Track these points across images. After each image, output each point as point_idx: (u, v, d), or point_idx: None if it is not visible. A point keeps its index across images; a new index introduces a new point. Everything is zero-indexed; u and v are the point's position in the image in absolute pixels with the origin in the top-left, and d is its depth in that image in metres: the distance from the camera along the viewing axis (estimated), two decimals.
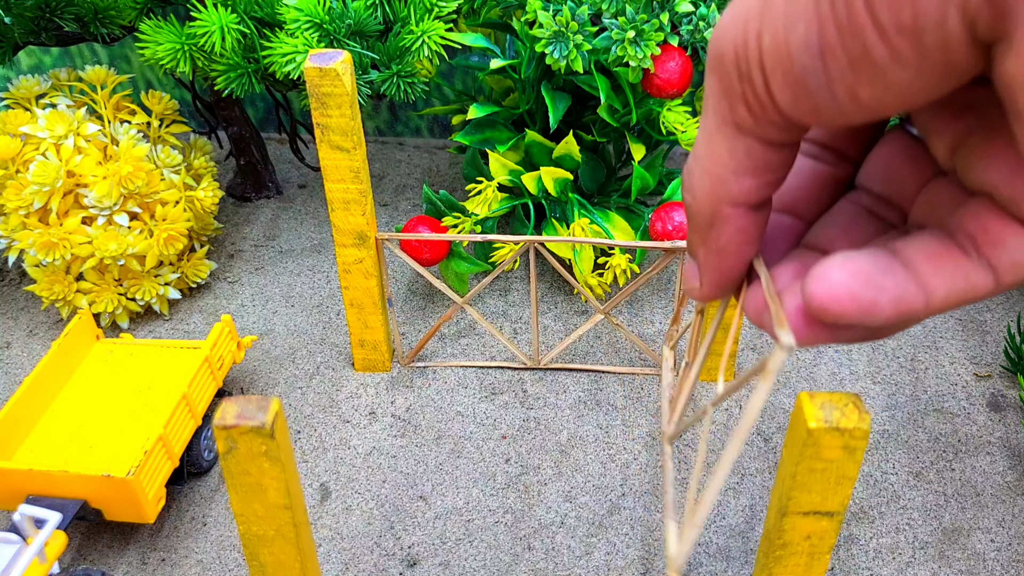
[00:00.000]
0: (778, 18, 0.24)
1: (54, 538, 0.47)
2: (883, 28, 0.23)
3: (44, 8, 0.63)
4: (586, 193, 0.70)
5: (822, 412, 0.28)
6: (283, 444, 0.31)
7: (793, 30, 0.24)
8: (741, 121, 0.26)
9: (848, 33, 0.23)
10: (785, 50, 0.24)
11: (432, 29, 0.61)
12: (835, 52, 0.24)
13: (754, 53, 0.25)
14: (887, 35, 0.23)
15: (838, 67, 0.24)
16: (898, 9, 0.22)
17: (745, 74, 0.26)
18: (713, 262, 0.30)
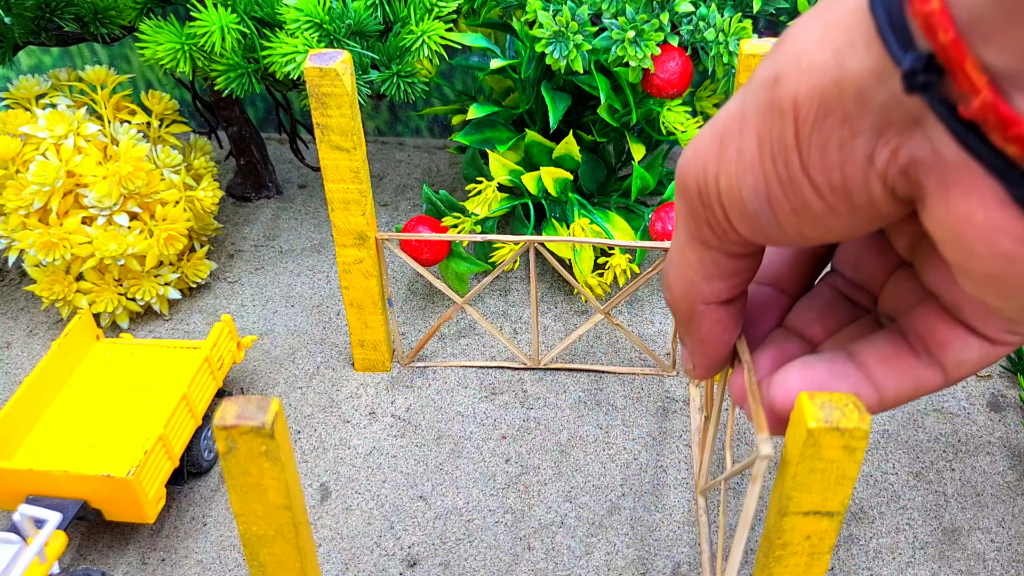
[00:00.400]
0: (731, 166, 0.27)
1: (54, 538, 0.47)
2: (818, 188, 0.25)
3: (44, 8, 0.63)
4: (586, 193, 0.71)
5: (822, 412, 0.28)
6: (283, 444, 0.31)
7: (744, 179, 0.27)
8: (707, 239, 0.29)
9: (789, 189, 0.26)
10: (738, 194, 0.27)
11: (432, 29, 0.61)
12: (780, 202, 0.26)
13: (713, 191, 0.28)
14: (822, 193, 0.25)
15: (784, 213, 0.27)
16: (828, 174, 0.25)
17: (707, 205, 0.28)
18: (699, 349, 0.34)
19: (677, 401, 0.61)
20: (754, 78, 0.26)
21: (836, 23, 0.24)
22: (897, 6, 0.22)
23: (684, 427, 0.59)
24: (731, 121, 0.27)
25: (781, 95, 0.25)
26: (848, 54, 0.23)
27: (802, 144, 0.25)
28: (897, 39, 0.22)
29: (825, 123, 0.24)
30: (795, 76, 0.25)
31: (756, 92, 0.26)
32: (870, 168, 0.25)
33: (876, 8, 0.23)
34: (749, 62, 0.49)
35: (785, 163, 0.26)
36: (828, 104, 0.24)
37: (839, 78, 0.24)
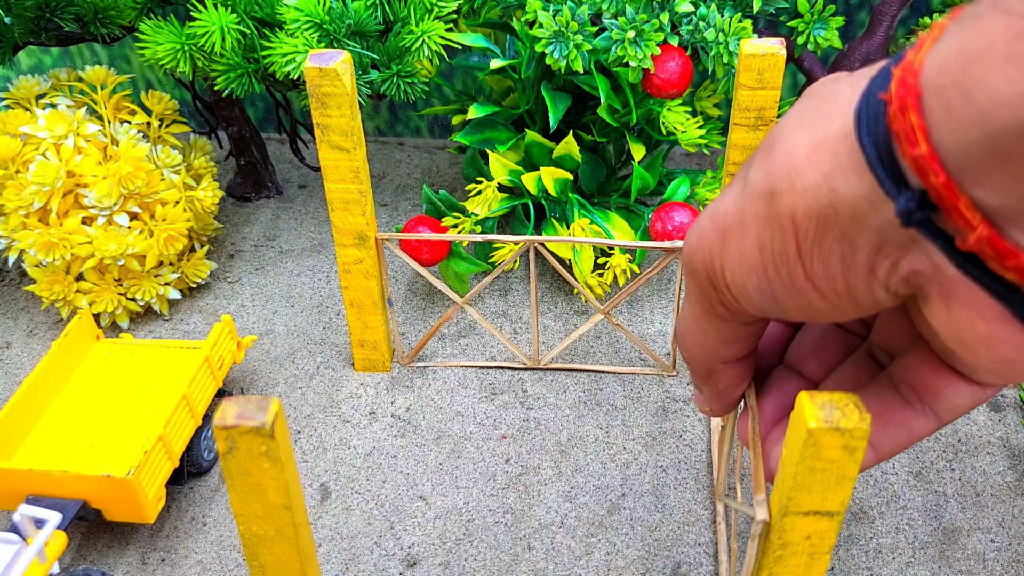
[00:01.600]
0: (735, 264, 0.28)
1: (54, 538, 0.47)
2: (822, 293, 0.26)
3: (44, 8, 0.63)
4: (586, 193, 0.71)
5: (822, 412, 0.28)
6: (283, 444, 0.31)
7: (748, 279, 0.28)
8: (720, 314, 0.31)
9: (793, 292, 0.27)
10: (745, 289, 0.28)
11: (432, 29, 0.61)
12: (785, 301, 0.27)
13: (720, 280, 0.29)
14: (826, 297, 0.26)
15: (790, 308, 0.28)
16: (832, 282, 0.26)
17: (718, 289, 0.30)
18: (717, 398, 0.35)
19: (677, 401, 0.61)
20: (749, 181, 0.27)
21: (824, 145, 0.24)
22: (885, 142, 0.23)
23: (684, 427, 0.59)
24: (731, 221, 0.28)
25: (779, 211, 0.25)
26: (840, 180, 0.24)
27: (804, 257, 0.26)
28: (888, 174, 0.23)
29: (825, 239, 0.25)
30: (791, 195, 0.25)
31: (754, 200, 0.26)
32: (872, 277, 0.25)
33: (864, 141, 0.23)
34: (749, 62, 0.49)
35: (788, 272, 0.26)
36: (826, 223, 0.25)
37: (834, 201, 0.24)
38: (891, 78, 0.23)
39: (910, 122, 0.21)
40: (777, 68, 0.49)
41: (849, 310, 0.27)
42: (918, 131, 0.21)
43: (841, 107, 0.24)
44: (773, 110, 0.50)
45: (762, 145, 0.27)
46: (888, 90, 0.22)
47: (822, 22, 0.62)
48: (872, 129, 0.23)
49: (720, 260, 0.28)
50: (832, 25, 0.62)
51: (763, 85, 0.49)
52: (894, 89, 0.22)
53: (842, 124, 0.24)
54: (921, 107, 0.21)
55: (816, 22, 0.62)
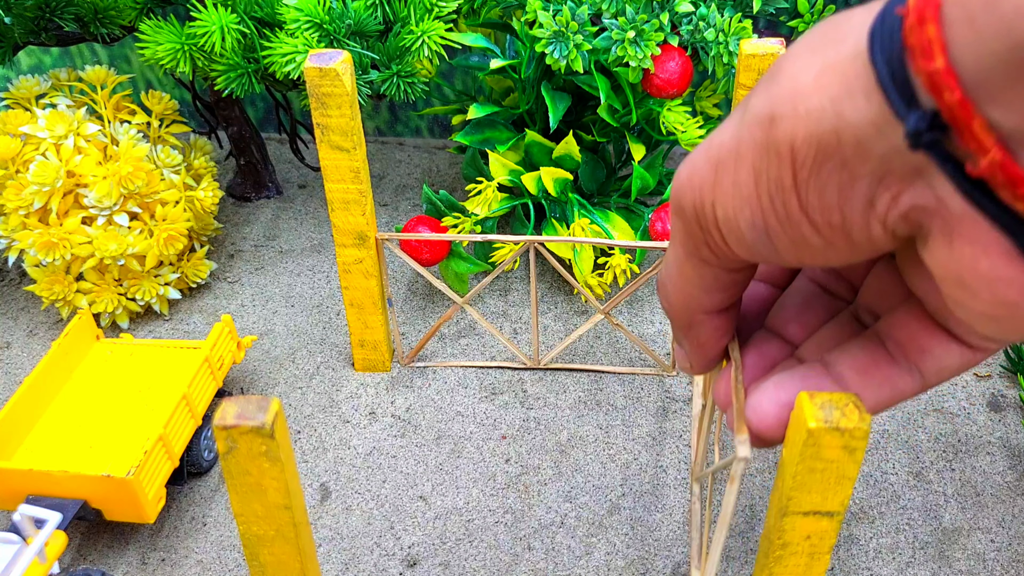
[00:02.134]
0: (727, 197, 0.27)
1: (54, 538, 0.47)
2: (816, 226, 0.25)
3: (44, 8, 0.63)
4: (586, 193, 0.71)
5: (822, 412, 0.28)
6: (283, 444, 0.31)
7: (741, 212, 0.27)
8: (706, 258, 0.29)
9: (787, 225, 0.26)
10: (735, 225, 0.27)
11: (432, 29, 0.61)
12: (778, 235, 0.26)
13: (710, 217, 0.28)
14: (820, 231, 0.25)
15: (782, 245, 0.27)
16: (827, 214, 0.25)
17: (705, 229, 0.28)
18: (697, 351, 0.34)
19: (677, 401, 0.61)
20: (749, 109, 0.26)
21: (833, 67, 0.23)
22: (899, 59, 0.21)
23: (684, 427, 0.59)
24: (726, 152, 0.26)
25: (778, 137, 0.24)
26: (847, 104, 0.23)
27: (800, 186, 0.25)
28: (899, 93, 0.22)
29: (823, 168, 0.24)
30: (792, 119, 0.24)
31: (751, 128, 0.25)
32: (870, 211, 0.24)
33: (876, 59, 0.22)
34: (749, 62, 0.49)
35: (783, 202, 0.25)
36: (826, 150, 0.24)
37: (838, 126, 0.23)
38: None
39: (927, 35, 0.20)
40: None
41: (843, 248, 0.26)
42: (935, 44, 0.20)
43: (854, 28, 0.23)
44: None
45: (767, 73, 0.26)
46: (905, 3, 0.21)
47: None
48: (886, 46, 0.22)
49: (711, 196, 0.27)
50: None
51: None
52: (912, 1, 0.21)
53: (854, 44, 0.23)
54: (940, 19, 0.20)
55: (816, 22, 0.62)
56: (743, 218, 0.27)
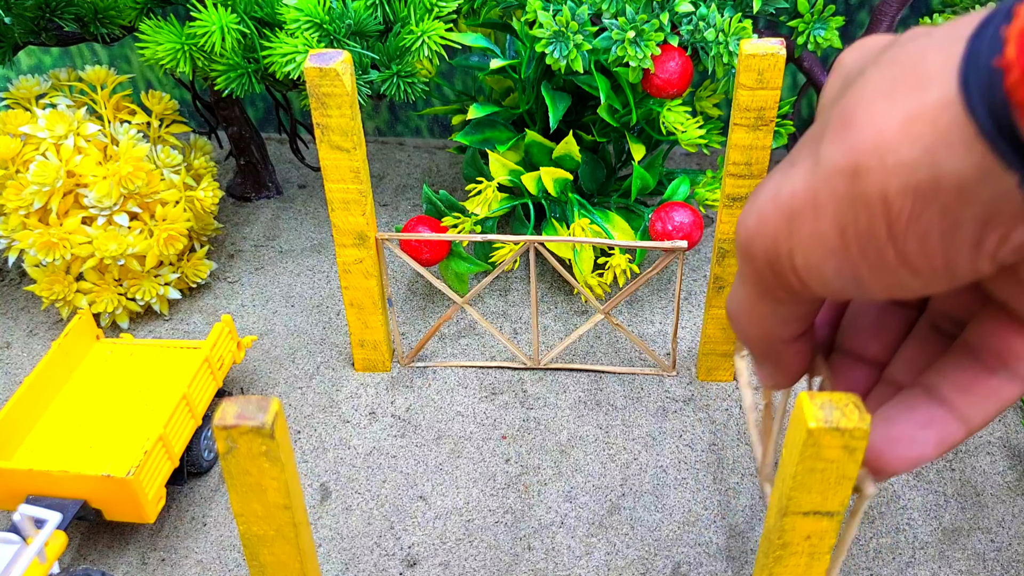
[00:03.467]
0: (808, 246, 0.26)
1: (54, 538, 0.47)
2: (916, 270, 0.25)
3: (44, 8, 0.63)
4: (586, 193, 0.71)
5: (822, 412, 0.28)
6: (283, 444, 0.31)
7: (826, 262, 0.26)
8: (780, 298, 0.29)
9: (882, 273, 0.25)
10: (820, 273, 0.26)
11: (432, 29, 0.61)
12: (869, 281, 0.26)
13: (787, 265, 0.27)
14: (920, 274, 0.25)
15: (874, 288, 0.26)
16: (929, 259, 0.24)
17: (780, 275, 0.28)
18: (781, 372, 0.33)
19: (677, 401, 0.61)
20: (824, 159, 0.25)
21: (920, 117, 0.23)
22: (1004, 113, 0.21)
23: (684, 427, 0.59)
24: (800, 203, 0.26)
25: (867, 190, 0.24)
26: (944, 154, 0.22)
27: (897, 236, 0.24)
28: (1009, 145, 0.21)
29: (923, 217, 0.23)
30: (880, 172, 0.23)
31: (831, 179, 0.25)
32: (977, 251, 0.24)
33: (977, 111, 0.21)
34: (749, 62, 0.49)
35: (877, 252, 0.25)
36: (924, 199, 0.23)
37: (936, 176, 0.22)
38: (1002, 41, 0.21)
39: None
40: (777, 68, 0.49)
41: (943, 284, 0.25)
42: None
43: (934, 74, 0.23)
44: (773, 110, 0.50)
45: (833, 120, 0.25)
46: (1004, 55, 0.21)
47: (822, 22, 0.62)
48: (986, 98, 0.21)
49: (788, 245, 0.26)
50: (832, 25, 0.62)
51: (763, 85, 0.49)
52: (1014, 55, 0.20)
53: (941, 93, 0.22)
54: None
55: (816, 22, 0.62)
56: (829, 267, 0.26)
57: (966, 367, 0.30)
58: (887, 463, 0.30)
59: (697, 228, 0.64)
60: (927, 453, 0.30)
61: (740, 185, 0.53)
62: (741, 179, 0.53)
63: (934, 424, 0.30)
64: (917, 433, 0.30)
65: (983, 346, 0.30)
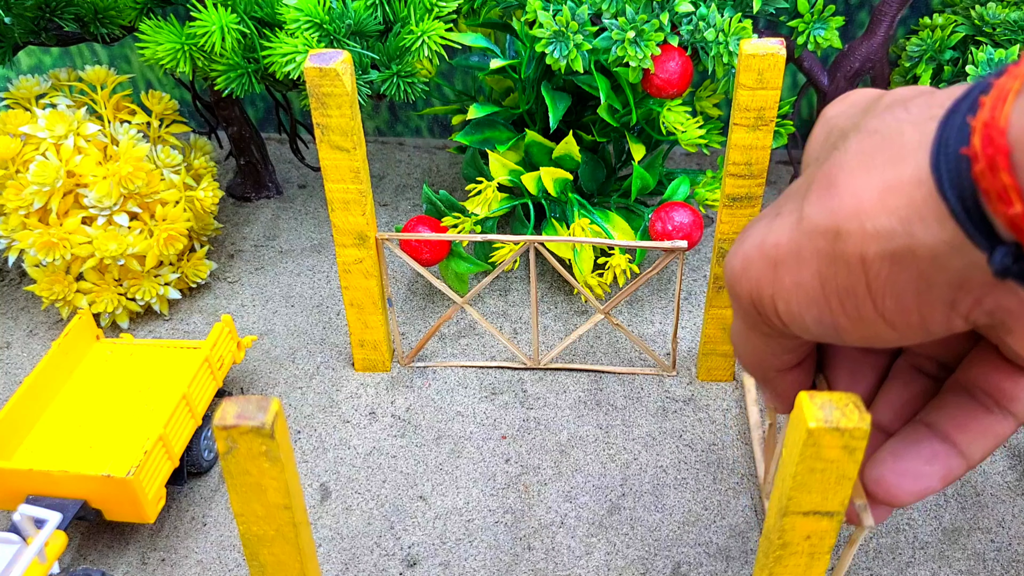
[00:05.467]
0: (791, 294, 0.28)
1: (54, 538, 0.47)
2: (893, 324, 0.26)
3: (44, 8, 0.63)
4: (586, 193, 0.71)
5: (822, 412, 0.28)
6: (283, 444, 0.31)
7: (807, 310, 0.27)
8: (767, 333, 0.31)
9: (860, 325, 0.27)
10: (801, 320, 0.28)
11: (432, 29, 0.61)
12: (848, 331, 0.27)
13: (770, 307, 0.29)
14: (896, 328, 0.26)
15: (851, 337, 0.27)
16: (905, 315, 0.26)
17: (764, 316, 0.29)
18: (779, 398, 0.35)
19: (677, 401, 0.61)
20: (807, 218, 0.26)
21: (896, 189, 0.24)
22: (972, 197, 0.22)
23: (684, 427, 0.59)
24: (784, 253, 0.27)
25: (847, 251, 0.25)
26: (918, 226, 0.23)
27: (875, 294, 0.25)
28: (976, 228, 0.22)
29: (899, 279, 0.25)
30: (860, 236, 0.25)
31: (813, 237, 0.26)
32: (950, 311, 0.25)
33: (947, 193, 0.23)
34: (749, 62, 0.49)
35: (856, 307, 0.26)
36: (901, 264, 0.24)
37: (911, 245, 0.24)
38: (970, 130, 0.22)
39: (1001, 181, 0.21)
40: (777, 68, 0.49)
41: (918, 338, 0.27)
42: (1011, 191, 0.21)
43: (910, 150, 0.24)
44: (773, 110, 0.50)
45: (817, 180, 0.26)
46: (971, 145, 0.22)
47: (822, 22, 0.62)
48: (955, 183, 0.22)
49: (771, 291, 0.28)
50: (832, 25, 0.62)
51: (763, 85, 0.49)
52: (979, 146, 0.22)
53: (915, 170, 0.24)
54: (1012, 165, 0.21)
55: (816, 22, 0.62)
56: (809, 315, 0.27)
57: (963, 406, 0.31)
58: (896, 495, 0.31)
59: (697, 228, 0.64)
60: (933, 486, 0.31)
61: (740, 185, 0.53)
62: (741, 179, 0.53)
63: (938, 459, 0.31)
64: (923, 468, 0.31)
65: (977, 387, 0.31)
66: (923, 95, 0.25)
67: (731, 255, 0.30)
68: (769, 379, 0.34)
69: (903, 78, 0.72)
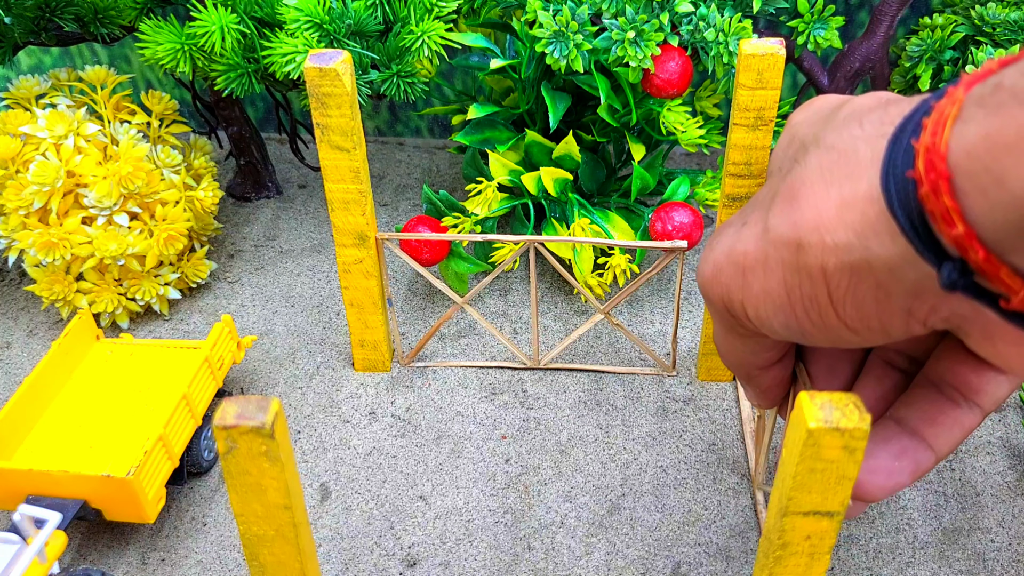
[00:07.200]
0: (758, 300, 0.29)
1: (54, 538, 0.47)
2: (855, 330, 0.27)
3: (44, 8, 0.63)
4: (586, 193, 0.71)
5: (822, 412, 0.28)
6: (283, 444, 0.31)
7: (775, 316, 0.29)
8: (743, 334, 0.32)
9: (823, 330, 0.28)
10: (770, 324, 0.29)
11: (432, 29, 0.61)
12: (812, 335, 0.28)
13: (740, 311, 0.30)
14: (859, 332, 0.27)
15: (817, 340, 0.29)
16: (866, 321, 0.27)
17: (736, 317, 0.31)
18: (762, 394, 0.37)
19: (677, 401, 0.61)
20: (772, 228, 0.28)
21: (851, 205, 0.25)
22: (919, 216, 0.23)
23: (684, 427, 0.59)
24: (751, 261, 0.28)
25: (808, 262, 0.26)
26: (873, 240, 0.25)
27: (836, 303, 0.27)
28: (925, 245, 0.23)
29: (859, 288, 0.26)
30: (819, 248, 0.26)
31: (778, 248, 0.27)
32: (909, 317, 0.26)
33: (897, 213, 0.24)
34: (749, 62, 0.49)
35: (819, 314, 0.27)
36: (859, 275, 0.25)
37: (867, 258, 0.25)
38: (914, 153, 0.23)
39: (944, 204, 0.22)
40: (777, 68, 0.49)
41: (880, 341, 0.28)
42: (953, 213, 0.22)
43: (864, 167, 0.25)
44: (773, 110, 0.50)
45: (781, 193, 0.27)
46: (916, 168, 0.23)
47: (822, 22, 0.62)
48: (903, 203, 0.23)
49: (740, 296, 0.29)
50: (832, 25, 0.62)
51: (763, 85, 0.49)
52: (922, 170, 0.22)
53: (868, 188, 0.25)
54: (953, 189, 0.22)
55: (816, 22, 0.62)
56: (777, 320, 0.29)
57: (931, 400, 0.32)
58: (867, 492, 0.32)
59: (697, 228, 0.64)
60: (903, 481, 0.32)
61: (740, 185, 0.53)
62: (741, 179, 0.53)
63: (907, 454, 0.32)
64: (893, 464, 0.32)
65: (944, 381, 0.32)
66: (878, 109, 0.26)
67: (702, 261, 0.31)
68: (752, 376, 0.35)
69: (903, 78, 0.72)
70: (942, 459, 0.33)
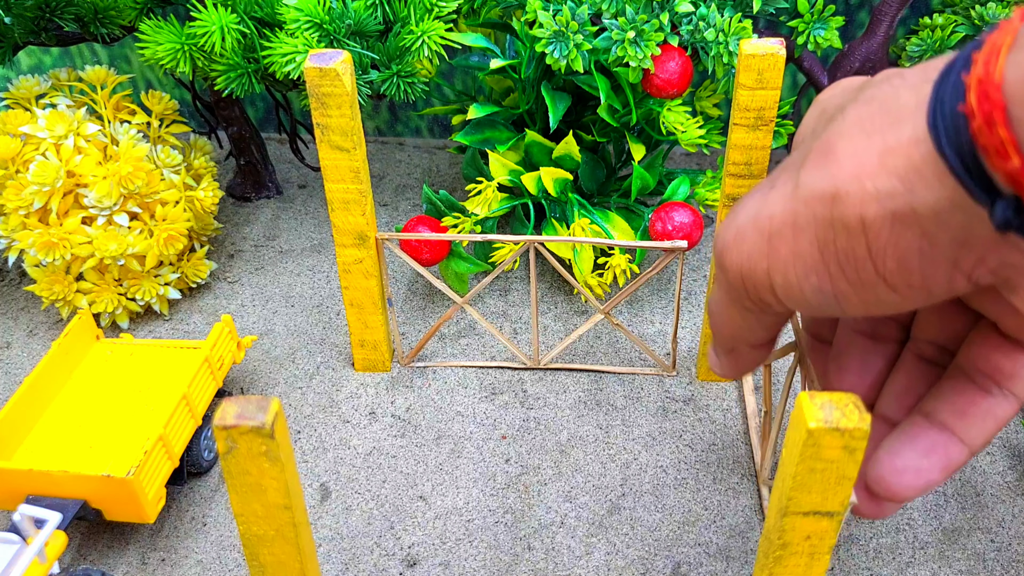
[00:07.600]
0: (787, 266, 0.28)
1: (54, 538, 0.47)
2: (894, 287, 0.26)
3: (44, 8, 0.63)
4: (586, 193, 0.71)
5: (822, 412, 0.28)
6: (283, 444, 0.31)
7: (806, 279, 0.27)
8: (750, 308, 0.31)
9: (861, 289, 0.26)
10: (799, 293, 0.28)
11: (432, 29, 0.61)
12: (848, 297, 0.27)
13: (763, 283, 0.29)
14: (899, 290, 0.26)
15: (852, 305, 0.27)
16: (907, 276, 0.25)
17: (754, 293, 0.29)
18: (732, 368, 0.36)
19: (677, 401, 0.61)
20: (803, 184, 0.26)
21: (895, 150, 0.24)
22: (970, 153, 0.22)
23: (684, 427, 0.59)
24: (779, 224, 0.27)
25: (846, 213, 0.25)
26: (918, 184, 0.23)
27: (876, 256, 0.25)
28: (976, 183, 0.22)
29: (901, 238, 0.25)
30: (859, 197, 0.25)
31: (810, 203, 0.26)
32: (954, 270, 0.25)
33: (946, 151, 0.23)
34: (749, 62, 0.49)
35: (856, 270, 0.26)
36: (903, 223, 0.24)
37: (912, 202, 0.24)
38: (964, 87, 0.22)
39: (999, 136, 0.21)
40: (777, 68, 0.49)
41: (920, 300, 0.26)
42: (1008, 145, 0.21)
43: (907, 113, 0.24)
44: (773, 110, 0.50)
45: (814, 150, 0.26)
46: (967, 102, 0.22)
47: (822, 22, 0.62)
48: (953, 140, 0.22)
49: (765, 264, 0.28)
50: (832, 25, 0.62)
51: (763, 85, 0.49)
52: (975, 103, 0.22)
53: (913, 131, 0.24)
54: (1008, 120, 0.21)
55: (816, 22, 0.62)
56: (808, 284, 0.27)
57: (961, 391, 0.31)
58: (896, 493, 0.31)
59: (697, 228, 0.64)
60: (934, 479, 0.31)
61: (740, 185, 0.53)
62: (741, 179, 0.53)
63: (937, 450, 0.31)
64: (922, 461, 0.31)
65: (975, 368, 0.31)
66: (919, 66, 0.25)
67: (724, 228, 0.30)
68: (737, 351, 0.35)
69: None
70: (976, 452, 0.31)
